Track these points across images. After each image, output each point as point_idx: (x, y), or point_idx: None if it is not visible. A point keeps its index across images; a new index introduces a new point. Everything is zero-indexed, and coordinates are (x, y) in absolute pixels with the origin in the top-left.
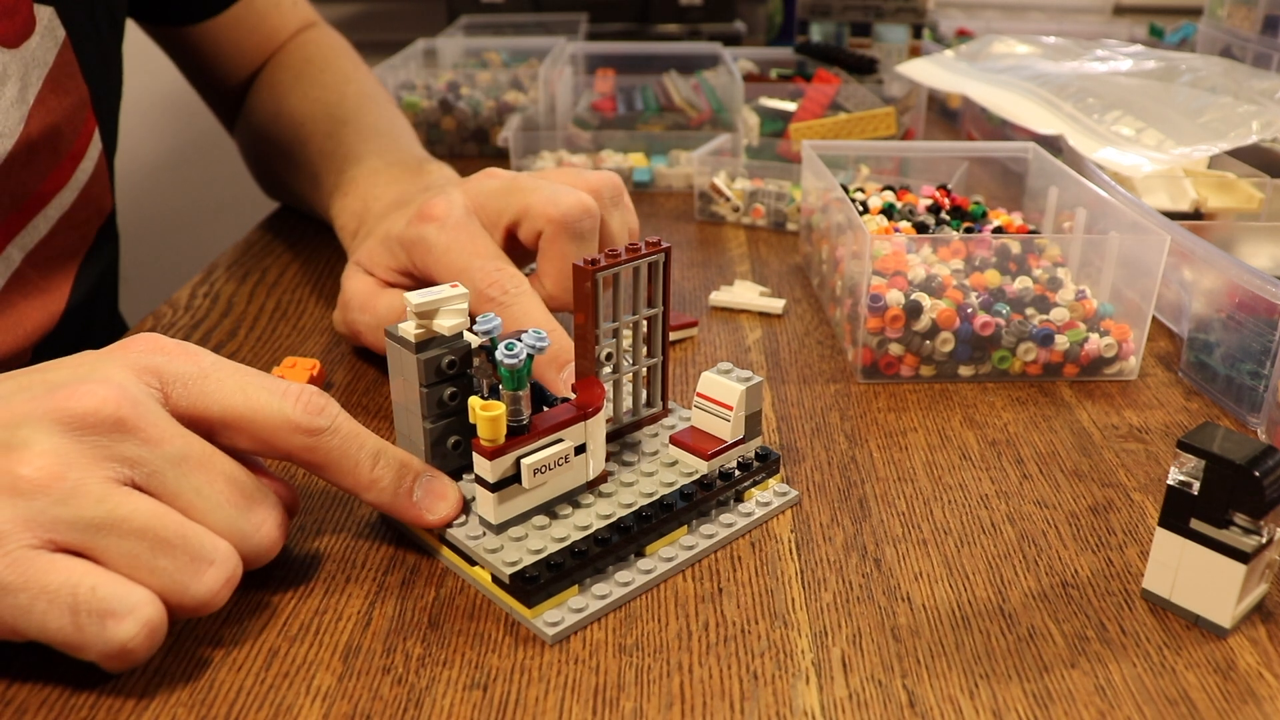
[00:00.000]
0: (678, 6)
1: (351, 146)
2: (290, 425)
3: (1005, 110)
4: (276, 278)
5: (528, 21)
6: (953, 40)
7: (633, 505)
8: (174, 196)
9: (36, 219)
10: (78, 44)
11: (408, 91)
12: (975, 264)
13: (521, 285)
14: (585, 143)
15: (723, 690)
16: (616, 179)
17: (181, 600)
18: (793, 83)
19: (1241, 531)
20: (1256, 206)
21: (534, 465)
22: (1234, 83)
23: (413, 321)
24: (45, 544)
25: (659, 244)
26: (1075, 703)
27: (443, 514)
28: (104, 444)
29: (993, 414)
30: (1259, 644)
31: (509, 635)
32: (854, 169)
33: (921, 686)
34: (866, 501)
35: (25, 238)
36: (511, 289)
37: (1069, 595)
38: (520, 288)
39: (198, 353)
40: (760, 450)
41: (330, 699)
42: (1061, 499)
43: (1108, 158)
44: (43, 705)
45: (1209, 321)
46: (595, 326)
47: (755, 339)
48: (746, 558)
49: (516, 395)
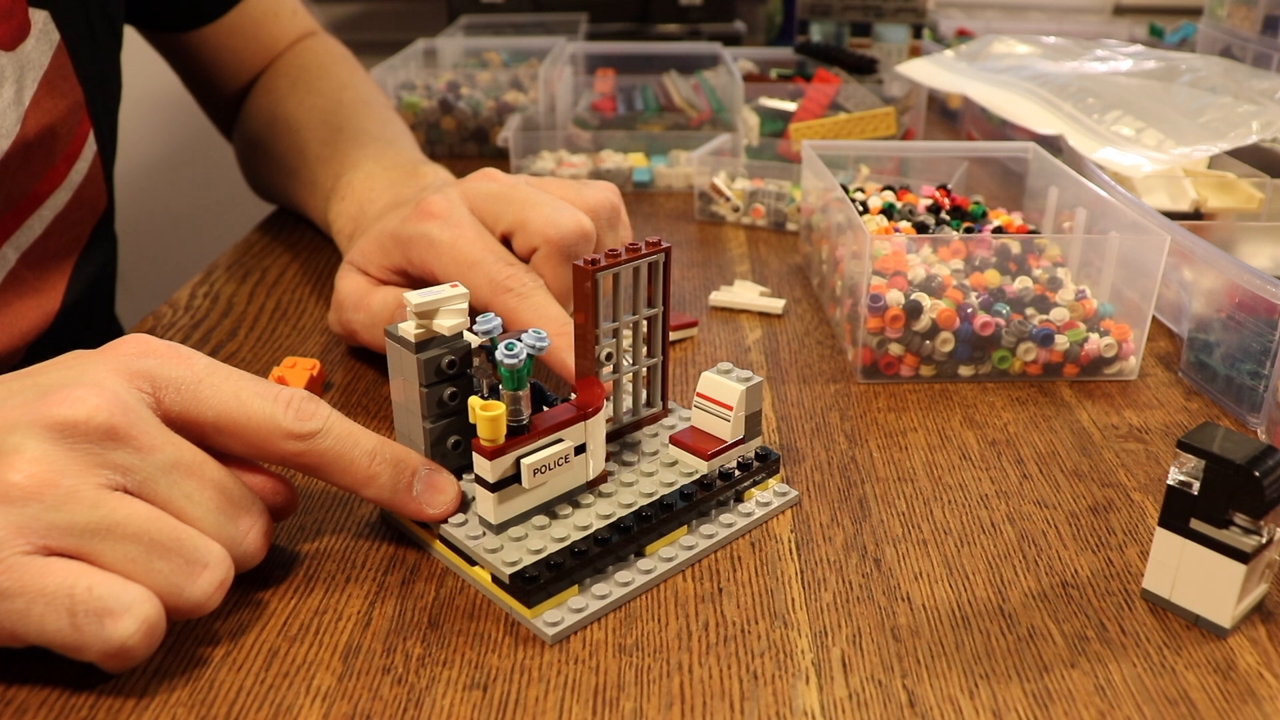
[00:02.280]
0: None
1: (347, 152)
2: (282, 432)
3: (1005, 110)
4: (276, 278)
5: (528, 21)
6: (953, 40)
7: (633, 505)
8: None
9: (31, 219)
10: (72, 48)
11: (408, 91)
12: (975, 264)
13: (537, 280)
14: (585, 143)
15: (723, 690)
16: (614, 198)
17: (177, 602)
18: (793, 83)
19: (1241, 531)
20: (1256, 206)
21: (534, 465)
22: (1234, 83)
23: (413, 321)
24: (39, 549)
25: (659, 244)
26: (1075, 703)
27: (443, 507)
28: (96, 451)
29: (993, 414)
30: (1259, 644)
31: (509, 635)
32: (854, 169)
33: (921, 686)
34: (866, 501)
35: (20, 237)
36: (530, 282)
37: (1069, 595)
38: (537, 282)
39: (190, 356)
40: (760, 450)
41: (330, 699)
42: (1061, 499)
43: (1108, 158)
44: (43, 705)
45: (1209, 321)
46: (595, 326)
47: (755, 339)
48: (746, 558)
49: (516, 395)
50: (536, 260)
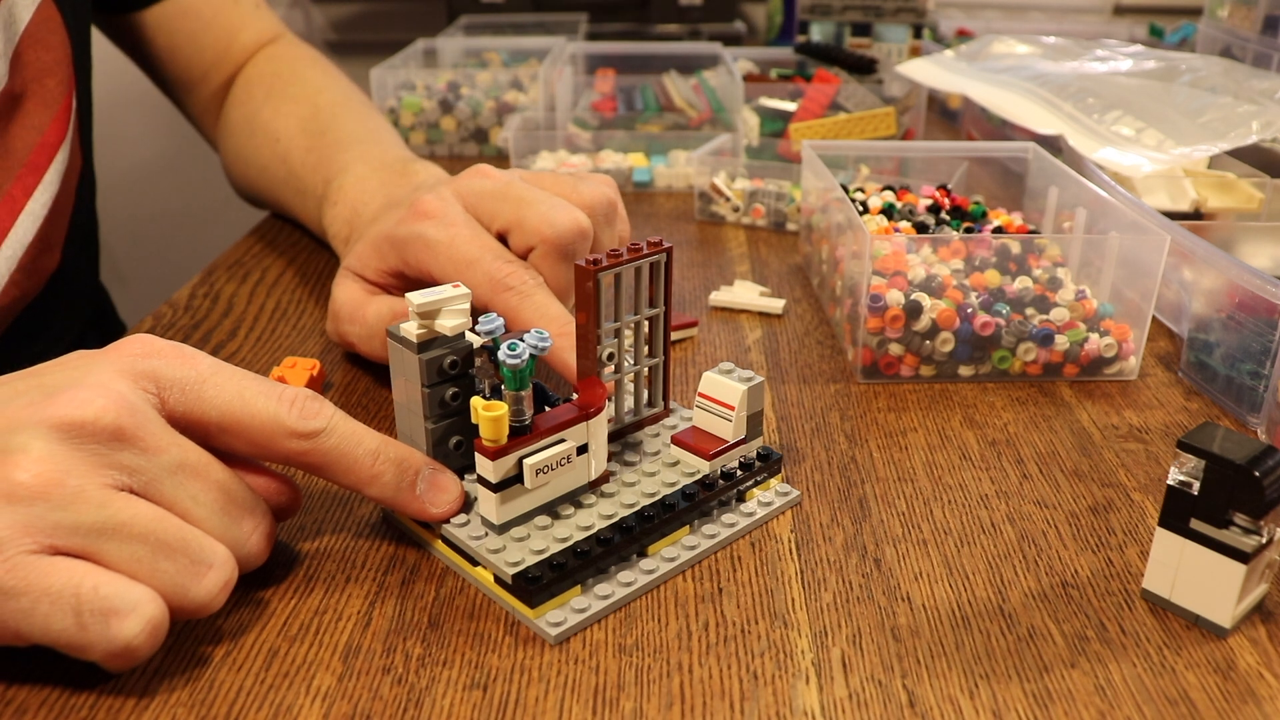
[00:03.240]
0: (678, 6)
1: (333, 156)
2: (285, 431)
3: (1005, 110)
4: (276, 278)
5: (528, 21)
6: (953, 40)
7: (635, 505)
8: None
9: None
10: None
11: (408, 91)
12: (975, 264)
13: (537, 278)
14: (585, 143)
15: (723, 690)
16: (611, 193)
17: (182, 602)
18: (793, 83)
19: (1241, 531)
20: (1256, 206)
21: (536, 465)
22: (1234, 83)
23: (415, 321)
24: (45, 549)
25: (660, 244)
26: (1075, 703)
27: (446, 507)
28: (102, 452)
29: (993, 414)
30: (1259, 644)
31: (509, 635)
32: (854, 169)
33: (921, 686)
34: (866, 501)
35: (43, 194)
36: (531, 280)
37: (1069, 595)
38: (537, 279)
39: (194, 356)
40: (762, 450)
41: (330, 699)
42: (1061, 499)
43: (1108, 158)
44: (43, 705)
45: (1209, 321)
46: (597, 326)
47: (755, 339)
48: (746, 558)
49: (519, 395)
50: (534, 259)
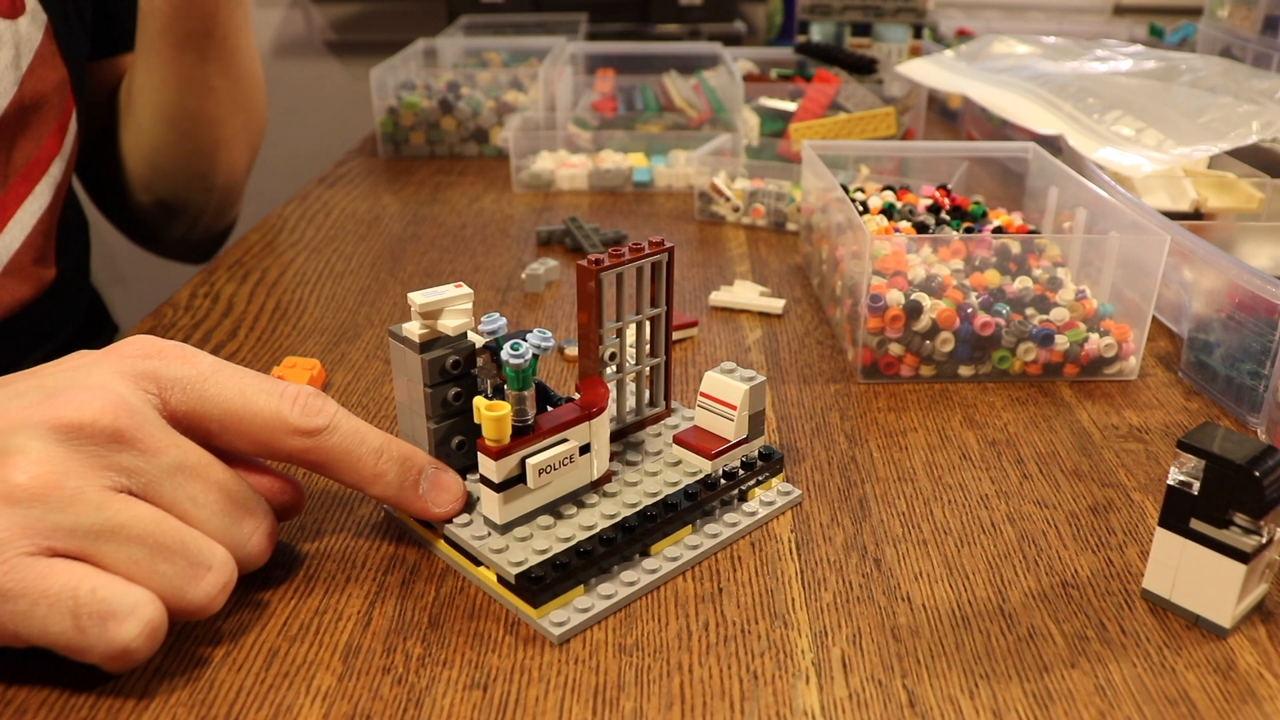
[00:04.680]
0: (678, 6)
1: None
2: (288, 428)
3: (1005, 110)
4: (276, 278)
5: (528, 21)
6: (953, 40)
7: (637, 505)
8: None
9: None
10: (57, 30)
11: (408, 91)
12: (975, 264)
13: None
14: (585, 143)
15: (723, 690)
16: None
17: (181, 604)
18: (793, 83)
19: (1241, 531)
20: (1256, 206)
21: (539, 465)
22: (1234, 83)
23: (417, 321)
24: (43, 550)
25: (662, 244)
26: (1075, 703)
27: (449, 506)
28: (101, 453)
29: (993, 414)
30: (1259, 644)
31: (509, 635)
32: (854, 169)
33: (921, 686)
34: (866, 501)
35: (33, 203)
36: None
37: (1069, 595)
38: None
39: (195, 355)
40: (764, 449)
41: (330, 699)
42: (1061, 499)
43: (1108, 158)
44: (43, 705)
45: (1209, 321)
46: (599, 326)
47: (755, 339)
48: (746, 558)
49: (521, 395)
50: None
